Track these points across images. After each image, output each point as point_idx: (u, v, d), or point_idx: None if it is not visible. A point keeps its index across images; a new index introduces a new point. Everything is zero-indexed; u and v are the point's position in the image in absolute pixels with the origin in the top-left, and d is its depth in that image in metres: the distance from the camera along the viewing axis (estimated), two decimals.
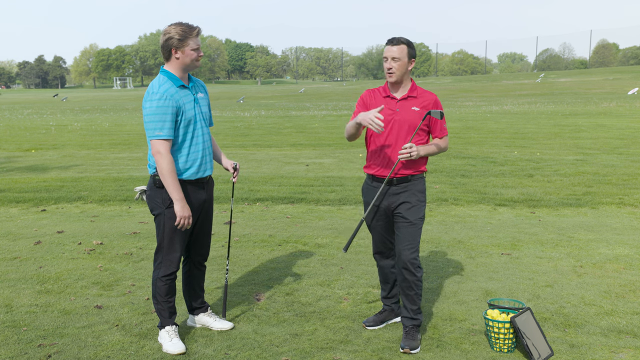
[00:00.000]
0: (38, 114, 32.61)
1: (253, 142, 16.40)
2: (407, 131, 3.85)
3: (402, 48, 3.81)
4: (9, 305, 4.55)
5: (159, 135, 3.56)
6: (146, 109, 3.60)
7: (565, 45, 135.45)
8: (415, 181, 3.93)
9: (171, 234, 3.73)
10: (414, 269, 3.86)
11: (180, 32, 3.58)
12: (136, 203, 8.41)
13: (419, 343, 3.82)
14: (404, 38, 3.86)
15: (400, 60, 3.80)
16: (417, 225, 3.89)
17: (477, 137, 16.70)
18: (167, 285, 3.83)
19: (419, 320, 3.94)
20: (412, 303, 3.92)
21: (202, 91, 3.88)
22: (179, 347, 3.75)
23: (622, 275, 5.15)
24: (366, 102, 3.98)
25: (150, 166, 3.77)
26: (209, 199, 3.95)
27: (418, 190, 3.93)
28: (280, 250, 6.03)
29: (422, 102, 3.90)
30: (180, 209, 3.62)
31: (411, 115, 3.86)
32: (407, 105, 3.88)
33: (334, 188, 9.35)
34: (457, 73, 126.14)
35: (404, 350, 3.74)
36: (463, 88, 56.63)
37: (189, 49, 3.61)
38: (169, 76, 3.67)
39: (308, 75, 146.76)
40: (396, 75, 3.83)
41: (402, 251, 3.87)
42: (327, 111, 30.61)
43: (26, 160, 13.52)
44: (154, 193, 3.75)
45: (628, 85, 48.13)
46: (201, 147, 3.76)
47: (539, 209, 7.82)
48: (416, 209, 3.90)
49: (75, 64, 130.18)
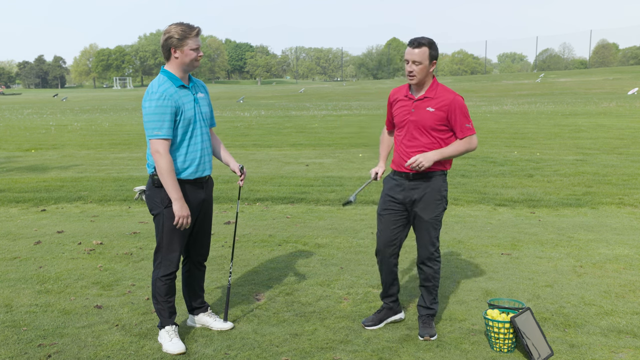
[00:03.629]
0: (38, 114, 32.61)
1: (253, 142, 16.40)
2: (421, 132, 3.86)
3: (424, 51, 3.75)
4: (9, 305, 4.55)
5: (158, 134, 3.57)
6: (145, 108, 3.61)
7: (565, 45, 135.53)
8: (434, 179, 3.91)
9: (170, 233, 3.74)
10: (431, 263, 4.02)
11: (180, 32, 3.58)
12: (136, 203, 8.41)
13: (435, 330, 3.98)
14: (425, 39, 3.78)
15: (422, 63, 3.76)
16: (432, 223, 3.96)
17: (477, 137, 16.68)
18: (167, 285, 3.83)
19: (434, 310, 4.08)
20: (429, 294, 4.07)
21: (203, 91, 3.88)
22: (178, 347, 3.75)
23: (622, 275, 5.15)
24: (390, 101, 4.09)
25: (149, 166, 3.77)
26: (208, 198, 3.95)
27: (434, 189, 3.92)
28: (280, 250, 6.03)
29: (438, 102, 3.84)
30: (178, 208, 3.63)
31: (424, 116, 3.85)
32: (423, 106, 3.87)
33: (334, 188, 9.35)
34: (457, 73, 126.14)
35: (424, 338, 3.88)
36: (463, 88, 56.63)
37: (188, 49, 3.62)
38: (168, 76, 3.67)
39: (308, 75, 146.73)
40: (417, 78, 3.80)
41: (419, 248, 4.04)
42: (327, 111, 30.61)
43: (26, 160, 13.52)
44: (153, 193, 3.76)
45: (628, 85, 48.14)
46: (200, 147, 3.77)
47: (539, 209, 7.82)
48: (431, 208, 3.93)
49: (75, 64, 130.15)
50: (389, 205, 4.04)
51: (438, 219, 3.98)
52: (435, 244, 4.00)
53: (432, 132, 3.86)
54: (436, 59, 3.81)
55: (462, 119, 3.83)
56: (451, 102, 3.82)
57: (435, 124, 3.84)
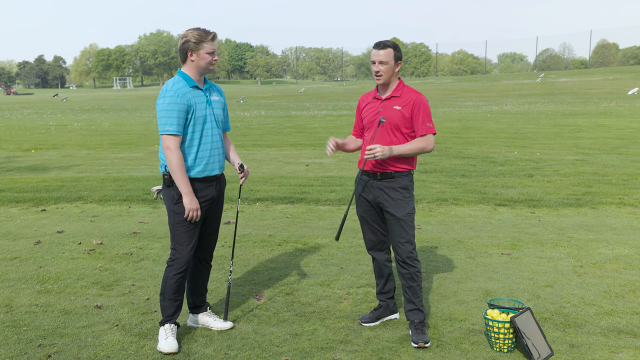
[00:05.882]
0: (38, 114, 32.61)
1: (253, 142, 16.40)
2: (388, 130, 3.97)
3: (389, 52, 3.94)
4: (9, 305, 4.55)
5: (169, 130, 3.70)
6: (159, 105, 3.76)
7: (565, 45, 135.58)
8: (399, 178, 3.99)
9: (180, 228, 3.82)
10: (411, 262, 3.98)
11: (197, 36, 3.74)
12: (136, 203, 8.43)
13: (428, 336, 3.93)
14: (389, 41, 4.00)
15: (387, 63, 3.94)
16: (404, 221, 3.97)
17: (477, 137, 16.70)
18: (178, 284, 3.89)
19: (424, 313, 4.03)
20: (415, 295, 4.01)
21: (218, 95, 4.01)
22: (171, 346, 3.76)
23: (622, 275, 5.15)
24: (360, 106, 4.24)
25: (161, 165, 3.88)
26: (219, 197, 4.03)
27: (401, 187, 3.99)
28: (280, 250, 6.03)
29: (404, 101, 3.98)
30: (188, 201, 3.74)
31: (391, 114, 3.97)
32: (390, 105, 4.00)
33: (334, 188, 9.35)
34: (457, 73, 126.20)
35: (418, 345, 3.82)
36: (463, 88, 56.64)
37: (204, 53, 3.76)
38: (184, 77, 3.82)
39: (308, 75, 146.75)
40: (384, 77, 3.98)
41: (396, 247, 4.02)
42: (327, 111, 30.61)
43: (26, 160, 13.52)
44: (165, 192, 3.88)
45: (628, 85, 48.14)
46: (209, 146, 3.87)
47: (539, 209, 7.82)
48: (401, 206, 3.97)
49: (75, 64, 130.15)
50: (364, 206, 4.16)
51: (411, 215, 4.00)
52: (412, 242, 4.00)
53: (398, 130, 3.96)
54: (400, 59, 4.01)
55: (424, 117, 3.94)
56: (415, 100, 3.95)
57: (401, 122, 3.94)
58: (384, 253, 4.23)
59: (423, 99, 3.98)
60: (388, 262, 4.24)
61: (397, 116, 3.94)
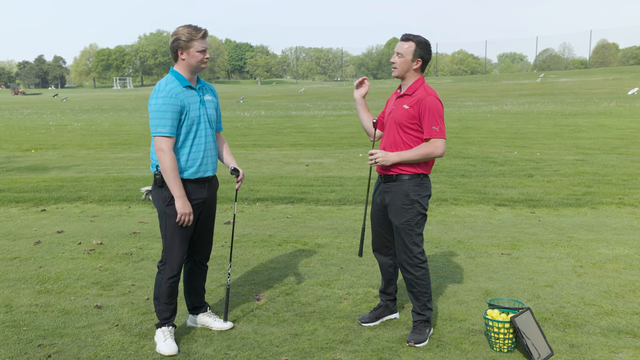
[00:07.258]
0: (38, 114, 32.61)
1: (253, 142, 16.40)
2: (395, 128, 3.86)
3: (410, 45, 3.79)
4: (9, 305, 4.55)
5: (162, 132, 3.62)
6: (151, 105, 3.67)
7: (565, 45, 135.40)
8: (401, 182, 3.83)
9: (172, 231, 3.76)
10: (411, 269, 3.90)
11: (187, 34, 3.65)
12: (136, 203, 8.41)
13: (425, 337, 3.88)
14: (417, 36, 3.82)
15: (404, 57, 3.80)
16: (402, 229, 3.86)
17: (477, 137, 16.70)
18: (171, 288, 3.85)
19: (425, 316, 3.97)
20: (416, 299, 3.98)
21: (211, 94, 3.93)
22: (171, 349, 3.75)
23: (622, 275, 5.15)
24: (389, 99, 4.08)
25: (153, 165, 3.80)
26: (211, 198, 3.97)
27: (402, 194, 3.83)
28: (280, 250, 6.03)
29: (413, 100, 3.80)
30: (181, 205, 3.67)
31: (400, 113, 3.83)
32: (401, 103, 3.87)
33: (334, 188, 9.35)
34: (457, 73, 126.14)
35: (409, 344, 3.80)
36: (463, 88, 56.63)
37: (195, 51, 3.67)
38: (176, 76, 3.73)
39: (308, 75, 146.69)
40: (397, 70, 3.84)
41: (397, 252, 4.00)
42: (327, 111, 30.61)
43: (26, 160, 13.52)
44: (156, 192, 3.81)
45: (628, 85, 48.14)
46: (203, 147, 3.80)
47: (539, 209, 7.82)
48: (400, 213, 3.85)
49: (75, 64, 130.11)
50: (374, 208, 4.12)
51: (410, 224, 3.83)
52: (412, 250, 3.86)
53: (403, 129, 3.81)
54: (421, 58, 3.80)
55: (430, 119, 3.72)
56: (422, 101, 3.75)
57: (407, 121, 3.79)
58: (388, 258, 4.17)
59: (431, 100, 3.74)
60: (391, 267, 4.20)
61: (405, 115, 3.79)
